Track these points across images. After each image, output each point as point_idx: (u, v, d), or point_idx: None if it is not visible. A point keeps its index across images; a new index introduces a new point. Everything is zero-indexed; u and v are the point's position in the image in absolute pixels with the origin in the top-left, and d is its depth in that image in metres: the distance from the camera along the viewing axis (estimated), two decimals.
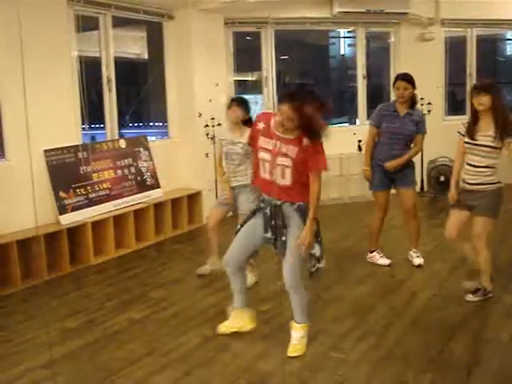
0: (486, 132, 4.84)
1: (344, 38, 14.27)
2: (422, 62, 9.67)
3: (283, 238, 4.10)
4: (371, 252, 6.20)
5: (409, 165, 5.96)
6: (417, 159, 6.18)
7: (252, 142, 4.26)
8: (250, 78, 11.34)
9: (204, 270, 5.92)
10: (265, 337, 4.47)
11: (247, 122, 5.31)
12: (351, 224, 7.97)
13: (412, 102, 5.88)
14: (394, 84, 5.94)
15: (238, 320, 4.50)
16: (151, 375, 3.94)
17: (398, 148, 5.85)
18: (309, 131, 3.89)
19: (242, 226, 4.35)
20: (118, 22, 7.91)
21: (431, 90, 9.73)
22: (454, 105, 11.06)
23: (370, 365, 3.99)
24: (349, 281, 5.75)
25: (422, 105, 9.75)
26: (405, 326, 4.63)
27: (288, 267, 4.12)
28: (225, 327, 4.52)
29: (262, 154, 4.08)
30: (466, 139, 4.95)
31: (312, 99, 3.87)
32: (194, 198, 8.11)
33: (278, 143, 3.99)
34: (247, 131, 4.83)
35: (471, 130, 4.91)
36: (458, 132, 5.08)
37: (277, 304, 5.02)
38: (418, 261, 6.05)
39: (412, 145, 5.93)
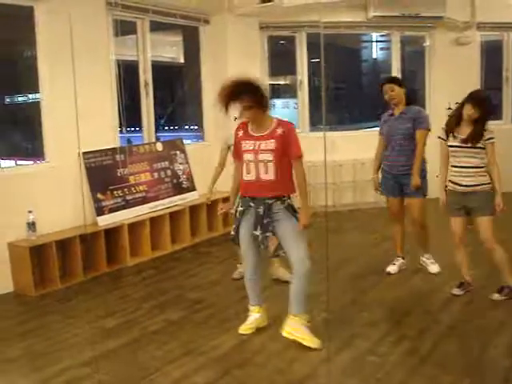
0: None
1: (376, 41, 14.20)
2: (457, 67, 9.64)
3: (268, 234, 4.31)
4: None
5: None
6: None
7: (236, 153, 4.50)
8: (283, 82, 11.36)
9: (237, 274, 5.94)
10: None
11: None
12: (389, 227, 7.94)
13: (408, 101, 5.81)
14: (381, 88, 5.91)
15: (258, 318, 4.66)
16: (189, 375, 3.98)
17: (400, 150, 5.76)
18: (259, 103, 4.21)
19: (236, 232, 4.52)
20: (155, 27, 8.00)
21: (467, 94, 9.65)
22: None
23: (407, 369, 3.97)
24: (384, 285, 5.74)
25: None
26: (441, 330, 4.60)
27: (303, 255, 4.28)
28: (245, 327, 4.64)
29: (246, 156, 4.32)
30: (450, 142, 5.09)
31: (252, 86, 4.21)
32: (229, 201, 8.12)
33: (256, 142, 4.28)
34: None
35: (449, 130, 5.10)
36: (439, 137, 5.22)
37: (310, 307, 5.06)
38: (434, 268, 5.98)
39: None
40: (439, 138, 5.22)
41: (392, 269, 6.04)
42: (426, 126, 5.73)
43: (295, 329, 4.33)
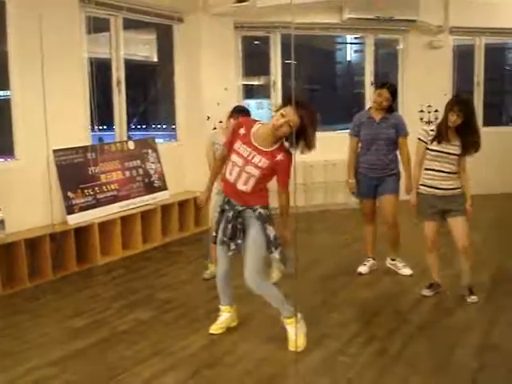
0: (454, 142, 5.07)
1: (351, 43, 14.27)
2: (430, 70, 9.74)
3: (239, 241, 4.25)
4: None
5: (394, 173, 5.88)
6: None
7: (229, 145, 4.29)
8: (257, 83, 11.37)
9: (208, 275, 5.92)
10: (270, 339, 4.48)
11: None
12: (353, 229, 7.99)
13: (389, 107, 5.88)
14: (375, 90, 6.02)
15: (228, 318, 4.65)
16: (158, 375, 3.96)
17: (382, 153, 5.84)
18: (299, 140, 4.00)
19: (216, 233, 4.43)
20: (129, 24, 7.95)
21: (439, 97, 9.72)
22: None
23: (377, 369, 4.00)
24: (354, 286, 5.77)
25: (429, 112, 9.81)
26: (410, 331, 4.64)
27: (248, 269, 4.23)
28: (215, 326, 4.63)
29: (235, 158, 4.19)
30: (434, 147, 5.12)
31: (311, 110, 4.01)
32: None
33: (252, 152, 4.12)
34: None
35: (441, 139, 5.08)
36: (420, 139, 5.24)
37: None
38: (406, 271, 6.03)
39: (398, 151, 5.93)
40: (420, 139, 5.22)
41: (363, 269, 6.08)
42: (406, 133, 5.88)
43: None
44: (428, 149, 5.16)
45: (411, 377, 3.88)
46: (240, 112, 5.49)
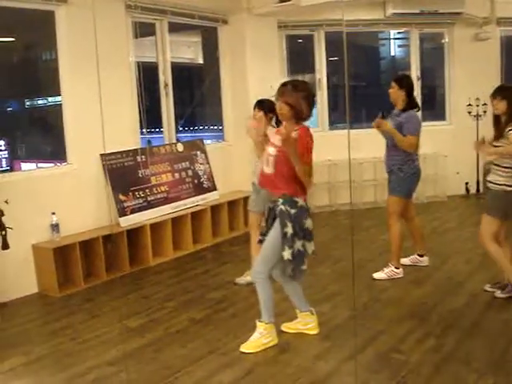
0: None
1: (394, 39, 14.13)
2: (477, 63, 9.58)
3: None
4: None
5: (397, 173, 5.71)
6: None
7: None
8: None
9: (242, 280, 5.91)
10: (324, 337, 4.50)
11: None
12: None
13: (408, 104, 5.72)
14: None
15: (303, 323, 4.61)
16: (213, 373, 4.00)
17: (388, 152, 5.80)
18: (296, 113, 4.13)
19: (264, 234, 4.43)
20: (174, 28, 8.05)
21: (487, 90, 9.57)
22: None
23: (432, 367, 3.96)
24: (405, 282, 5.74)
25: (477, 106, 9.66)
26: (466, 327, 4.59)
27: (255, 266, 4.40)
28: (287, 327, 4.64)
29: (269, 149, 4.27)
30: (495, 143, 4.91)
31: (305, 86, 4.22)
32: None
33: (273, 137, 4.28)
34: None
35: (497, 133, 4.92)
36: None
37: (333, 305, 5.09)
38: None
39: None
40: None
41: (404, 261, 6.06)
42: (409, 132, 5.61)
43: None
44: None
45: (467, 374, 3.83)
46: (259, 104, 5.58)
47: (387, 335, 4.49)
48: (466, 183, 10.07)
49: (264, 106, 5.46)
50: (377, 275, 5.83)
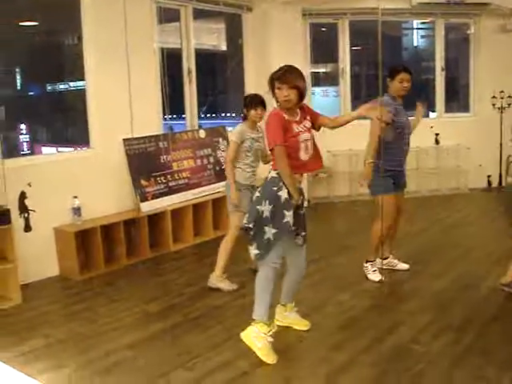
0: None
1: (417, 29, 14.03)
2: (502, 54, 9.48)
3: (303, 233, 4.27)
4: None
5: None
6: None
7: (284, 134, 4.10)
8: (323, 70, 11.32)
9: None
10: (341, 328, 4.50)
11: None
12: (429, 217, 7.93)
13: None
14: (394, 76, 5.48)
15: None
16: (232, 360, 4.02)
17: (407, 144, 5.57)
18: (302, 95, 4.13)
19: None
20: (198, 14, 8.04)
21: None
22: None
23: (450, 359, 3.95)
24: (425, 275, 5.71)
25: (501, 98, 9.56)
26: (485, 320, 4.57)
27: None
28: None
29: (302, 136, 4.10)
30: None
31: (299, 72, 4.18)
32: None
33: (299, 126, 4.13)
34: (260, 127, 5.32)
35: None
36: None
37: (352, 295, 5.08)
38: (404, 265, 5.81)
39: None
40: None
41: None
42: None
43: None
44: None
45: (486, 367, 3.81)
46: (262, 103, 5.48)
47: (407, 326, 4.48)
48: (488, 176, 9.99)
49: (265, 103, 5.43)
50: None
